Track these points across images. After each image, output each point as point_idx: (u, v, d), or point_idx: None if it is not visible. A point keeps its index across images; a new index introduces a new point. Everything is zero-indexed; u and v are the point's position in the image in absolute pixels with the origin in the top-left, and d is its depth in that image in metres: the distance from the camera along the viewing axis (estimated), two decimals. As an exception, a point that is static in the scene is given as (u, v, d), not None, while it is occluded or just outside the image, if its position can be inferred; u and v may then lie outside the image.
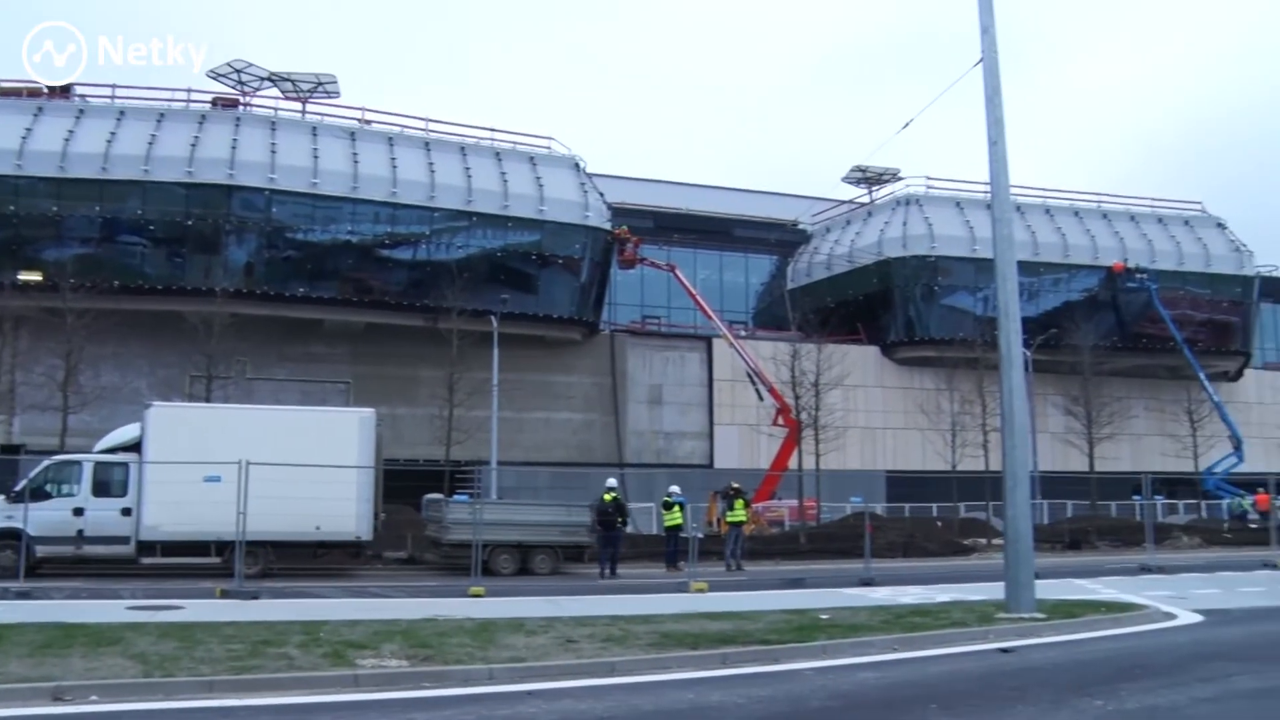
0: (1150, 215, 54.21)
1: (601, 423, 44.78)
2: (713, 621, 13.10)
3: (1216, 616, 15.25)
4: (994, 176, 15.45)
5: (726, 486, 29.24)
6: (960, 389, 40.03)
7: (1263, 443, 53.04)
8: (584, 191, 43.22)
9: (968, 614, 14.24)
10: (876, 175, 53.63)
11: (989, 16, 15.52)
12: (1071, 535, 38.06)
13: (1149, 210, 54.49)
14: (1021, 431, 14.66)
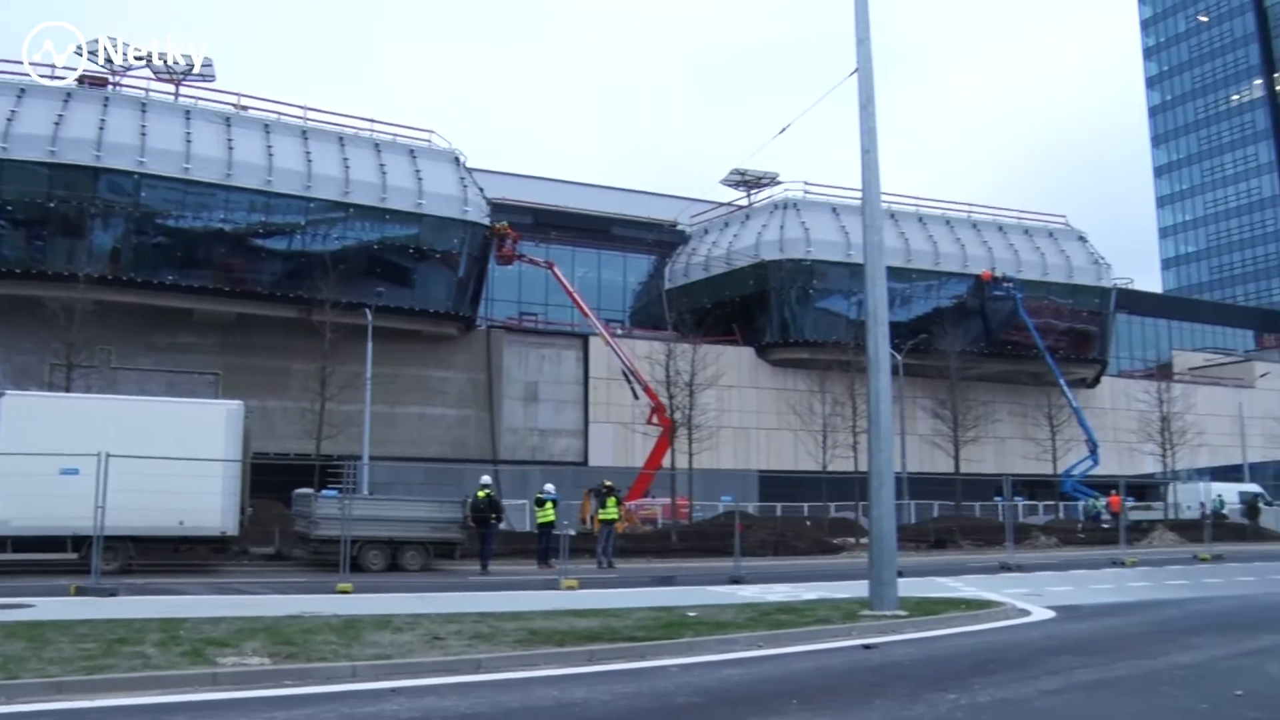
0: (1017, 227, 56.07)
1: (476, 419, 44.53)
2: (581, 619, 13.16)
3: (1067, 613, 15.85)
4: (866, 183, 15.77)
5: (599, 484, 29.39)
6: (832, 391, 40.84)
7: (1116, 447, 55.35)
8: (464, 186, 42.88)
9: (833, 611, 14.50)
10: (755, 179, 54.36)
11: (865, 29, 15.84)
12: (937, 535, 39.13)
13: (1016, 222, 56.37)
14: (887, 434, 14.98)
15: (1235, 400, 63.26)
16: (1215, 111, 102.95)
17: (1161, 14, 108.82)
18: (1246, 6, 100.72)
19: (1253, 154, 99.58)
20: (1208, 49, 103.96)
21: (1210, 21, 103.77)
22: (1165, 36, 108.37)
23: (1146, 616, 15.80)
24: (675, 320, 45.57)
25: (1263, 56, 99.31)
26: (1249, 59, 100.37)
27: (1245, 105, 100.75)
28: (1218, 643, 12.41)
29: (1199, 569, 27.78)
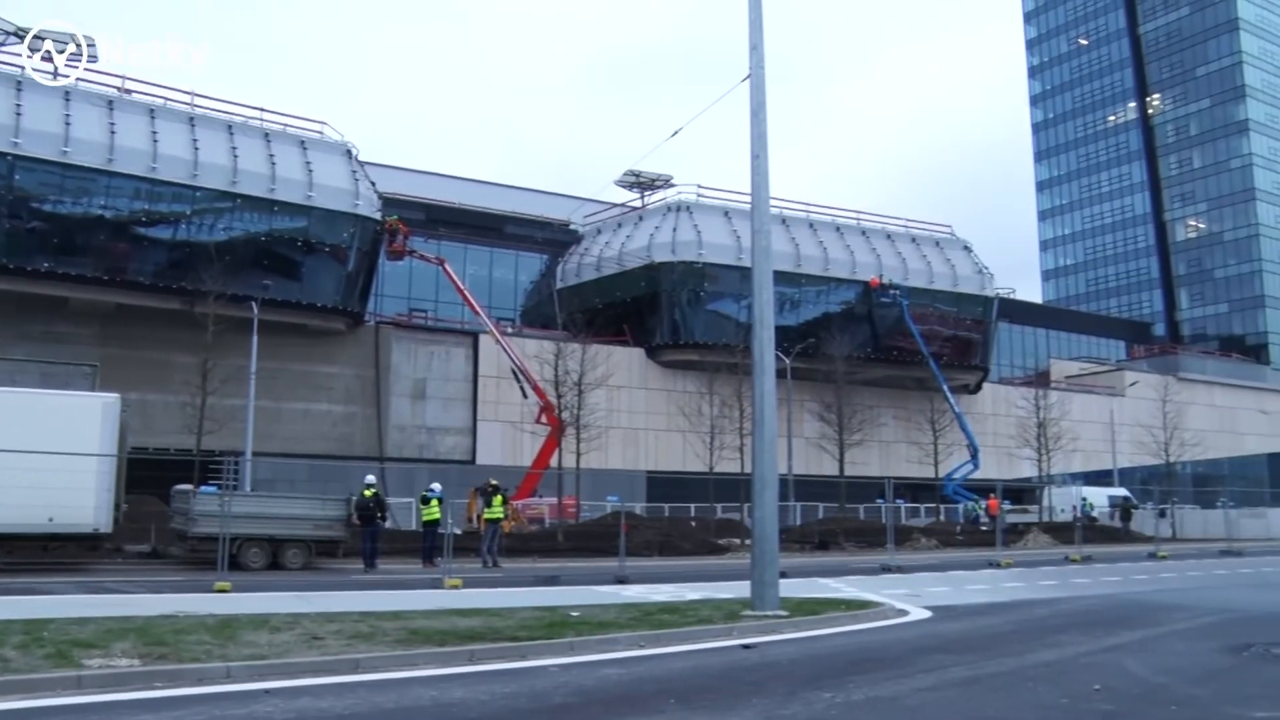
0: (905, 235, 57.22)
1: (363, 415, 43.89)
2: (463, 618, 13.07)
3: (943, 613, 16.22)
4: (755, 189, 15.85)
5: (485, 483, 29.24)
6: (721, 393, 41.21)
7: (996, 452, 56.93)
8: (355, 179, 42.16)
9: (715, 612, 14.61)
10: (649, 180, 54.56)
11: (758, 35, 15.90)
12: (821, 536, 39.79)
13: (904, 230, 57.52)
14: (771, 436, 15.10)
15: (1107, 407, 65.65)
16: (1093, 131, 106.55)
17: (1045, 35, 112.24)
18: (1123, 33, 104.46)
19: (1127, 173, 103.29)
20: (1087, 71, 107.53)
21: (1090, 45, 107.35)
22: (1048, 57, 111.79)
23: (1017, 616, 16.25)
24: (566, 320, 45.57)
25: (1137, 81, 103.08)
26: (1125, 82, 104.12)
27: (1121, 126, 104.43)
28: (1080, 640, 12.84)
29: (1069, 570, 28.75)
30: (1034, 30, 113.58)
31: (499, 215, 54.58)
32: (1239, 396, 79.07)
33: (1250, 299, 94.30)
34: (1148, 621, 15.01)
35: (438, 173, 58.54)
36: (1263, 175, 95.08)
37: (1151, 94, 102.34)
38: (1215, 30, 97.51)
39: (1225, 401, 77.52)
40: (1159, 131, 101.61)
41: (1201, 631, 13.90)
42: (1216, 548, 40.10)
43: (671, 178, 54.55)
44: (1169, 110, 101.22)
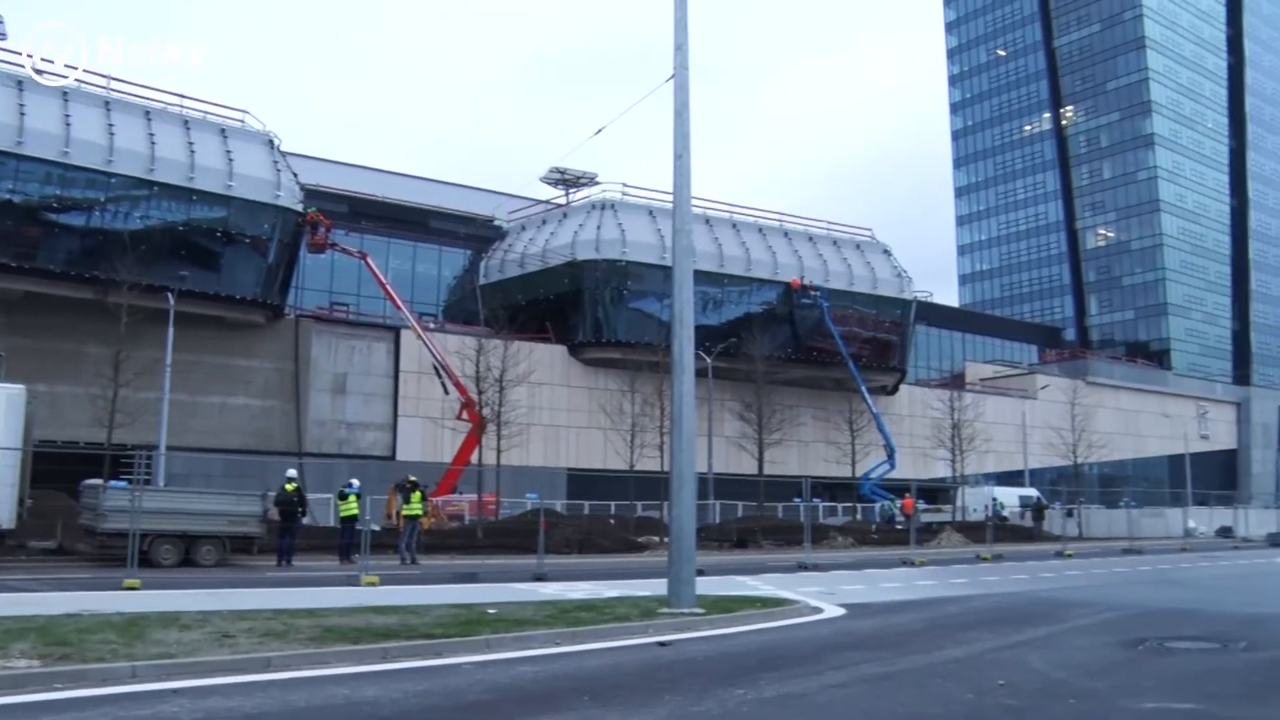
0: (827, 237, 57.87)
1: (282, 410, 43.31)
2: (379, 615, 12.97)
3: (857, 610, 16.43)
4: (677, 188, 15.87)
5: (404, 479, 29.03)
6: (642, 391, 41.35)
7: (912, 452, 57.84)
8: (277, 170, 41.54)
9: (631, 609, 14.61)
10: (574, 178, 54.57)
11: (683, 35, 15.89)
12: (739, 534, 40.07)
13: (826, 233, 58.17)
14: (690, 435, 15.15)
15: (1019, 410, 67.14)
16: (1010, 140, 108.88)
17: (966, 45, 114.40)
18: (1039, 45, 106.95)
19: (1041, 181, 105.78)
20: (1005, 81, 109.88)
21: (1008, 56, 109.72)
22: (968, 66, 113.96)
23: (929, 613, 16.52)
24: (489, 316, 45.37)
25: (1051, 92, 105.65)
26: (1040, 94, 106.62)
27: (1036, 136, 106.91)
28: (988, 636, 13.13)
29: (980, 568, 29.26)
30: (955, 40, 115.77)
31: (423, 209, 54.17)
32: (1143, 400, 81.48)
33: (1154, 306, 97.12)
34: (1052, 618, 15.38)
35: (362, 165, 57.94)
36: (1167, 188, 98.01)
37: (1065, 106, 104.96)
38: (1124, 47, 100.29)
39: (1130, 405, 79.82)
40: (1072, 142, 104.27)
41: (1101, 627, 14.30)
42: (1119, 546, 41.15)
43: (597, 176, 54.69)
44: (1081, 122, 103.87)
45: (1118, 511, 55.48)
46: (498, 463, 36.79)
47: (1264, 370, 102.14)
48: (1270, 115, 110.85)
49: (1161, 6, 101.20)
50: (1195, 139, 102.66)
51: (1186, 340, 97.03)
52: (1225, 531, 57.45)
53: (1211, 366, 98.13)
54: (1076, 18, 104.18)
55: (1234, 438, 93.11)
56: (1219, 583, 24.64)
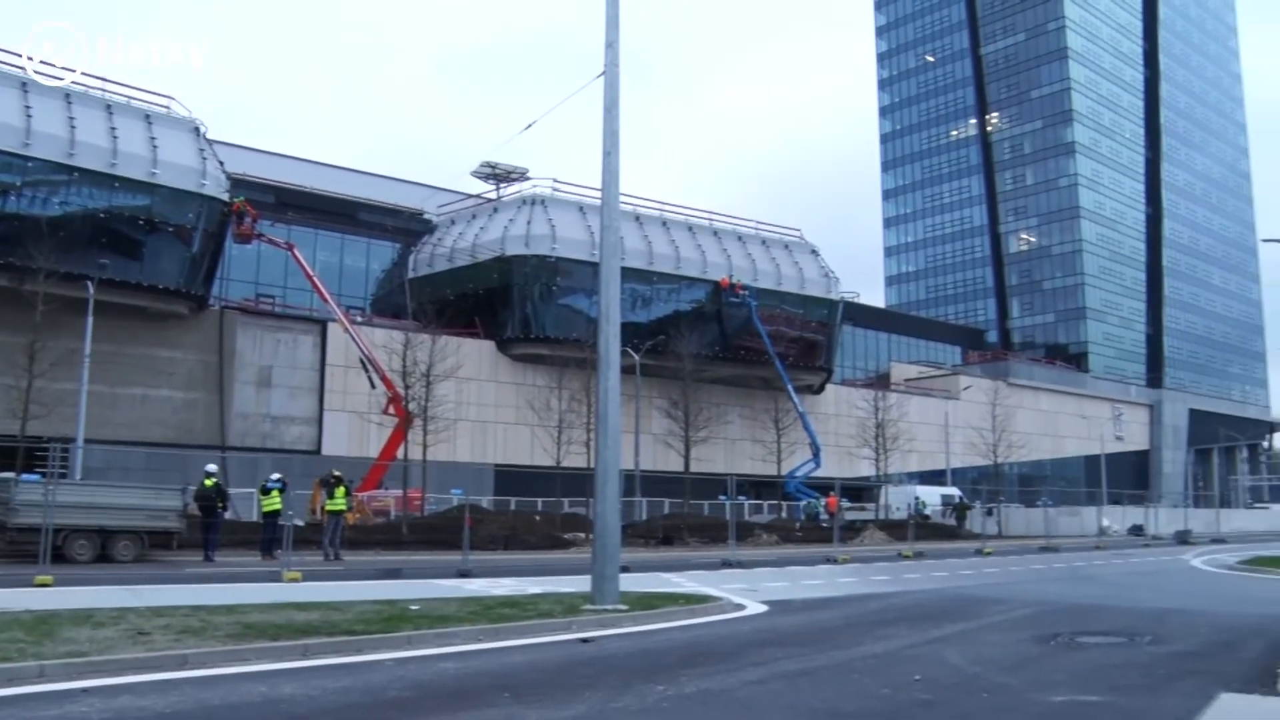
0: (756, 237, 58.23)
1: (205, 402, 42.55)
2: (300, 612, 12.84)
3: (779, 607, 16.57)
4: (606, 185, 15.87)
5: (328, 474, 28.75)
6: (570, 387, 41.34)
7: (837, 451, 58.48)
8: (203, 158, 40.72)
9: (555, 606, 14.61)
10: (505, 173, 54.33)
11: (614, 32, 15.87)
12: (665, 531, 40.27)
13: (755, 232, 58.52)
14: (615, 431, 15.17)
15: (942, 410, 68.21)
16: (937, 144, 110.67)
17: (895, 50, 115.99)
18: (966, 53, 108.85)
19: (967, 186, 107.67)
20: (933, 86, 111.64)
21: (936, 62, 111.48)
22: (898, 70, 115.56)
23: (849, 610, 16.74)
24: (416, 310, 45.05)
25: (977, 99, 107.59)
26: (966, 100, 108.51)
27: (962, 141, 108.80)
28: (907, 632, 13.35)
29: (902, 565, 29.65)
30: (885, 44, 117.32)
31: (351, 201, 53.57)
32: (1061, 402, 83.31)
33: (1074, 310, 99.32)
34: (969, 614, 15.68)
35: (290, 155, 57.18)
36: (1086, 194, 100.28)
37: (990, 113, 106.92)
38: (1047, 57, 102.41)
39: (1049, 406, 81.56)
40: (996, 148, 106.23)
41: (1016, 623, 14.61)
42: (1037, 544, 42.01)
43: (528, 171, 54.52)
44: (1006, 129, 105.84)
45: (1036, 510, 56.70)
46: (424, 458, 36.56)
47: (1175, 374, 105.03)
48: (1183, 128, 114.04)
49: (1083, 19, 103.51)
50: (1114, 148, 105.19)
51: (1103, 344, 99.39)
52: (1137, 530, 58.99)
53: (1126, 370, 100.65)
54: (1002, 27, 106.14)
55: (1147, 439, 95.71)
56: (1129, 579, 25.29)
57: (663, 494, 47.12)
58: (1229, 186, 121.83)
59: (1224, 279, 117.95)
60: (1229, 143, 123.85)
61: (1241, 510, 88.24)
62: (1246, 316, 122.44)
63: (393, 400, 39.54)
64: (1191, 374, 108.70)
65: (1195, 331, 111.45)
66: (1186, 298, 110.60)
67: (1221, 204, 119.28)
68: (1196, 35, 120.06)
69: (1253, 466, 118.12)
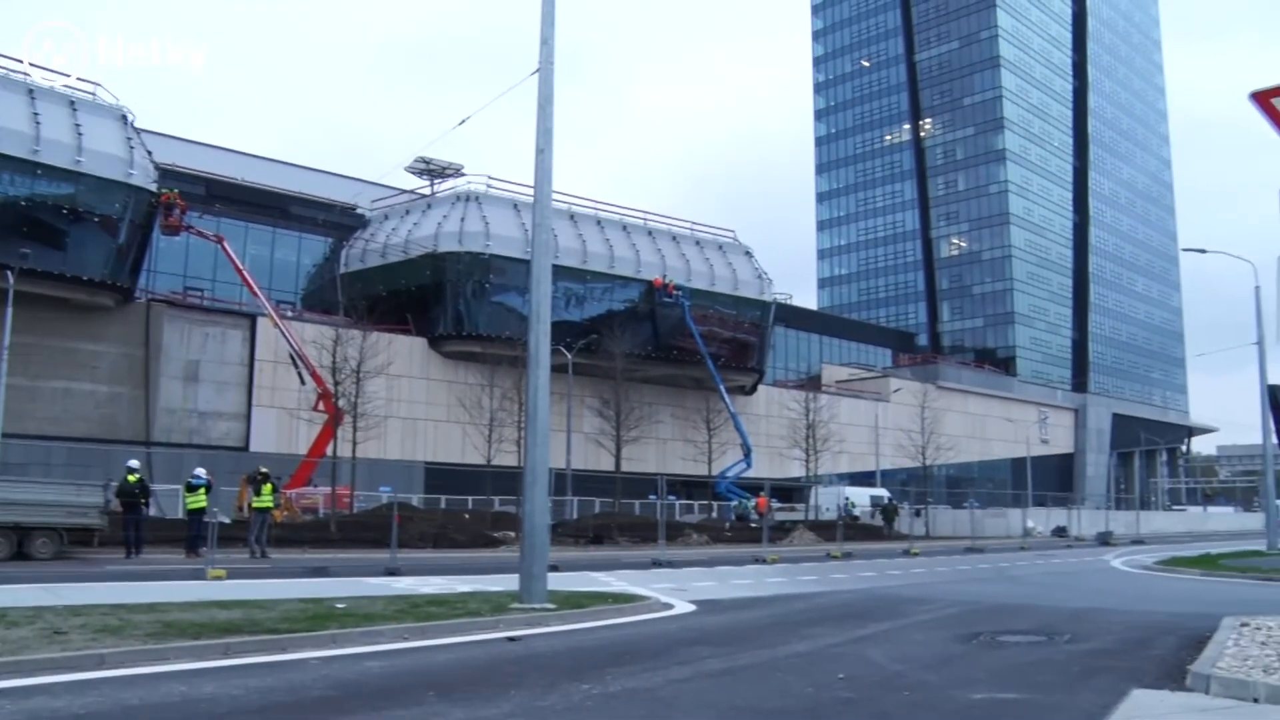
0: (690, 237, 58.45)
1: (130, 397, 41.77)
2: (223, 610, 12.66)
3: (707, 606, 16.62)
4: (539, 183, 15.82)
5: (255, 470, 28.40)
6: (501, 385, 41.16)
7: (768, 451, 58.91)
8: (130, 147, 39.93)
9: (483, 604, 14.53)
10: (440, 168, 53.97)
11: (550, 29, 15.79)
12: (595, 530, 40.29)
13: (689, 233, 58.74)
14: (544, 430, 15.12)
15: (873, 412, 69.03)
16: (871, 148, 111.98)
17: (832, 54, 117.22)
18: (901, 59, 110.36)
19: (900, 190, 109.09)
20: (868, 91, 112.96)
21: (871, 67, 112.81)
22: (833, 75, 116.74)
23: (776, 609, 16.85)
24: (348, 306, 44.61)
25: (911, 104, 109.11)
26: (901, 105, 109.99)
27: (896, 146, 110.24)
28: (832, 632, 13.46)
29: (830, 566, 29.87)
30: (821, 48, 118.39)
31: (283, 194, 52.85)
32: (989, 405, 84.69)
33: (1002, 315, 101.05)
34: (894, 614, 15.87)
35: (221, 146, 56.33)
36: (1016, 201, 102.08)
37: (924, 118, 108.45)
38: (980, 65, 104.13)
39: (977, 409, 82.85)
40: (929, 154, 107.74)
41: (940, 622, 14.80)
42: (963, 545, 42.66)
43: (463, 167, 54.19)
44: (939, 135, 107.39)
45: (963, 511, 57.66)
46: (353, 455, 36.24)
47: (1100, 378, 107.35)
48: (1109, 138, 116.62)
49: (1015, 29, 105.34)
50: (1043, 156, 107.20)
51: (1030, 348, 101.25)
52: (1060, 531, 60.26)
53: (1053, 374, 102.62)
54: (937, 34, 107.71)
55: (1071, 442, 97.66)
56: (1051, 579, 25.75)
57: (594, 493, 47.13)
58: (1152, 196, 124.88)
59: (1147, 286, 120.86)
60: (1153, 154, 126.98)
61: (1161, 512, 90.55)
62: (1168, 324, 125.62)
63: (323, 397, 39.12)
64: (1115, 379, 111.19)
65: (1119, 337, 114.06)
66: (1111, 304, 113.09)
67: (1145, 213, 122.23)
68: (1123, 49, 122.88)
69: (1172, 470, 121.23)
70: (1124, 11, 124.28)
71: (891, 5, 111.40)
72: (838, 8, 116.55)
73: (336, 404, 37.46)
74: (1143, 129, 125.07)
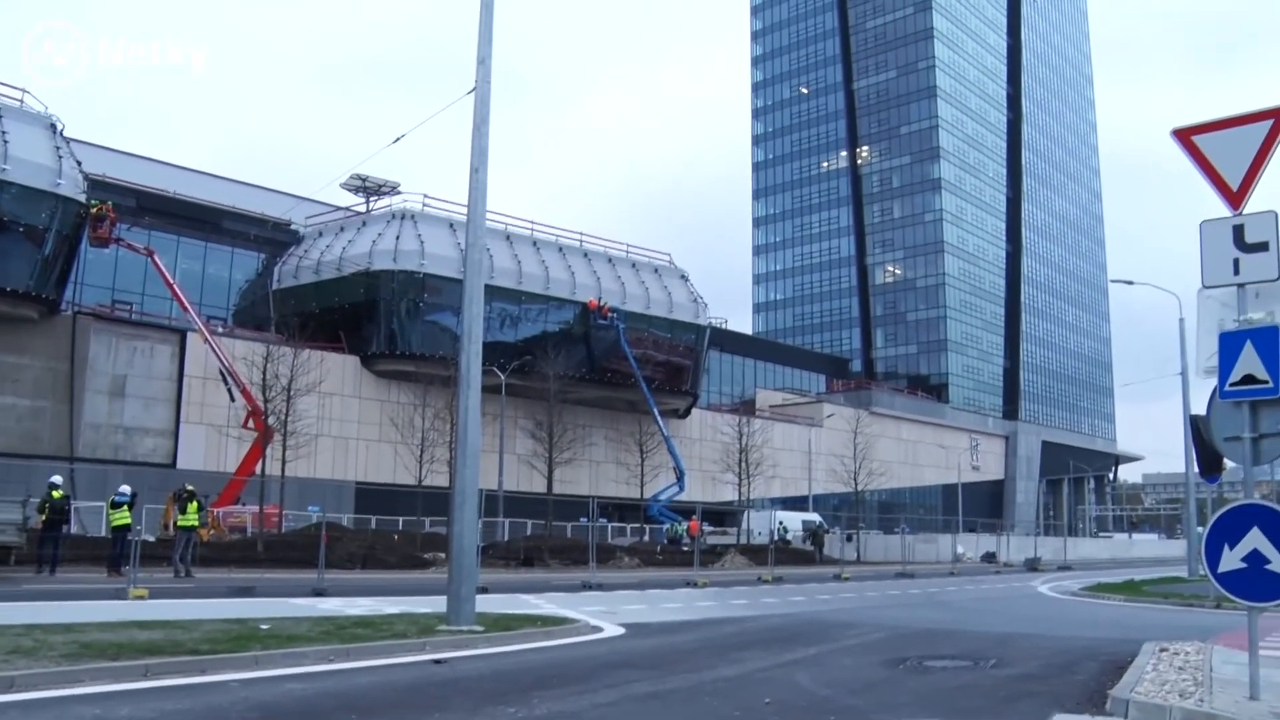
0: (626, 260, 58.58)
1: (54, 411, 40.85)
2: (143, 630, 12.39)
3: (636, 630, 16.54)
4: (472, 203, 15.71)
5: (181, 488, 27.88)
6: (434, 405, 40.90)
7: (701, 475, 59.03)
8: (59, 156, 39.18)
9: (410, 626, 14.40)
10: (376, 186, 53.63)
11: (487, 48, 15.73)
12: (526, 553, 39.99)
13: (625, 255, 58.88)
14: (474, 450, 15.02)
15: (806, 437, 69.46)
16: (808, 175, 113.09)
17: (770, 80, 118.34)
18: (839, 86, 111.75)
19: (836, 217, 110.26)
20: (806, 118, 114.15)
21: (810, 94, 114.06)
22: (772, 100, 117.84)
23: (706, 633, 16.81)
24: (280, 322, 44.08)
25: (848, 132, 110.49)
26: (838, 132, 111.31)
27: (833, 173, 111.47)
28: (761, 656, 13.48)
29: (761, 590, 29.90)
30: (760, 74, 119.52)
31: (216, 208, 52.14)
32: (921, 431, 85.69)
33: (935, 342, 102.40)
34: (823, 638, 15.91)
35: (153, 158, 55.51)
36: (950, 230, 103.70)
37: (861, 146, 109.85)
38: (916, 95, 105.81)
39: (910, 435, 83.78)
40: (865, 181, 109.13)
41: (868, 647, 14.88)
42: (894, 570, 42.96)
43: (399, 185, 53.88)
44: (875, 163, 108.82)
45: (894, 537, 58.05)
46: (283, 474, 35.74)
47: (1030, 406, 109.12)
48: (1042, 170, 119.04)
49: (952, 60, 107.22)
50: (977, 186, 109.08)
51: (963, 375, 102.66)
52: (989, 557, 61.00)
53: (984, 401, 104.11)
54: (875, 63, 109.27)
55: (1002, 469, 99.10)
56: (979, 604, 26.02)
57: (526, 515, 46.89)
58: (1083, 228, 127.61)
59: (1077, 317, 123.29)
60: (1084, 186, 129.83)
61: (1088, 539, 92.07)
62: (1097, 354, 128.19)
63: (252, 414, 38.56)
64: (1045, 407, 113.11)
65: (1050, 366, 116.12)
66: (1042, 333, 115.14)
67: (1076, 244, 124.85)
68: (1057, 83, 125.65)
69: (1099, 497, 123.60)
70: (1057, 47, 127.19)
71: (830, 33, 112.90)
72: (777, 34, 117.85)
73: (266, 421, 36.94)
74: (1074, 162, 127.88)
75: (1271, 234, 6.75)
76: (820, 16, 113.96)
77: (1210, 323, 7.06)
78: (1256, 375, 6.55)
